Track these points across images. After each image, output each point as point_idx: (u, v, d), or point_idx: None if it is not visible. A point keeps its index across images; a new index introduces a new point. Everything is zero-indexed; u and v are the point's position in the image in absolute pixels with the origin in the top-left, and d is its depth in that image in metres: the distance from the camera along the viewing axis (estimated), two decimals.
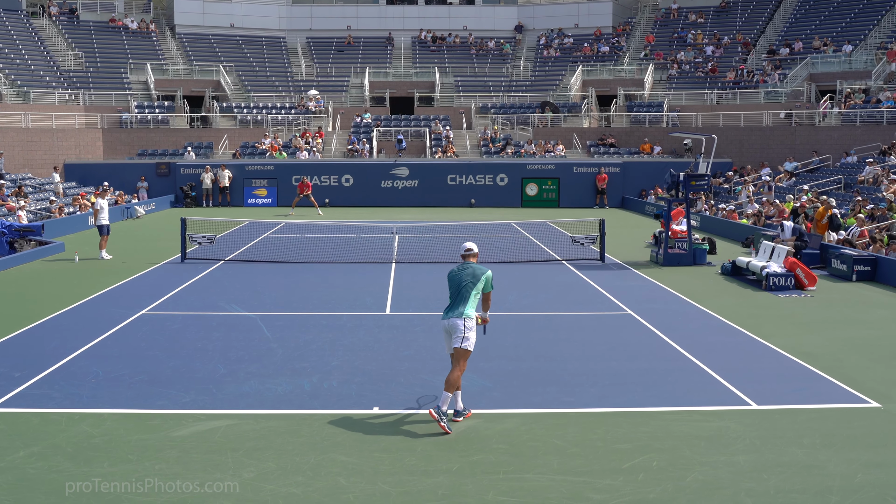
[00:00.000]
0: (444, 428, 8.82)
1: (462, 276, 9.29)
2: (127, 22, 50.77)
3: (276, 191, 39.34)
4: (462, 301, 9.13)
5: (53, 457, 8.15)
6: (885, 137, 34.20)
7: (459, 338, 9.03)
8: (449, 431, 8.82)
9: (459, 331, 9.04)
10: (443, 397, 9.00)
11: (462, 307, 9.10)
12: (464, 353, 9.06)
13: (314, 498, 7.30)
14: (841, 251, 19.73)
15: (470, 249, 9.64)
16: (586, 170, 39.64)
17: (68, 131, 40.91)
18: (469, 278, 9.24)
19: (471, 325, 9.08)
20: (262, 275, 19.38)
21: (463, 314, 9.07)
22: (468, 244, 9.73)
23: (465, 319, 9.05)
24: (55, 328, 13.77)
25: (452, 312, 9.13)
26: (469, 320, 9.07)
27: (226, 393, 10.27)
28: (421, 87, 49.35)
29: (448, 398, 8.99)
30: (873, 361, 11.93)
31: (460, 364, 9.07)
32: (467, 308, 9.10)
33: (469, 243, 9.74)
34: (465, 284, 9.20)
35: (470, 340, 9.06)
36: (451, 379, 9.01)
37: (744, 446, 8.53)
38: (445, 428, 8.82)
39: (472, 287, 9.18)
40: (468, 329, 9.06)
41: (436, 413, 8.88)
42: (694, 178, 21.32)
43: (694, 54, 48.85)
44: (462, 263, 9.51)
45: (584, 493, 7.42)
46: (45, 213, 29.40)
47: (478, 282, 9.22)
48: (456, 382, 9.03)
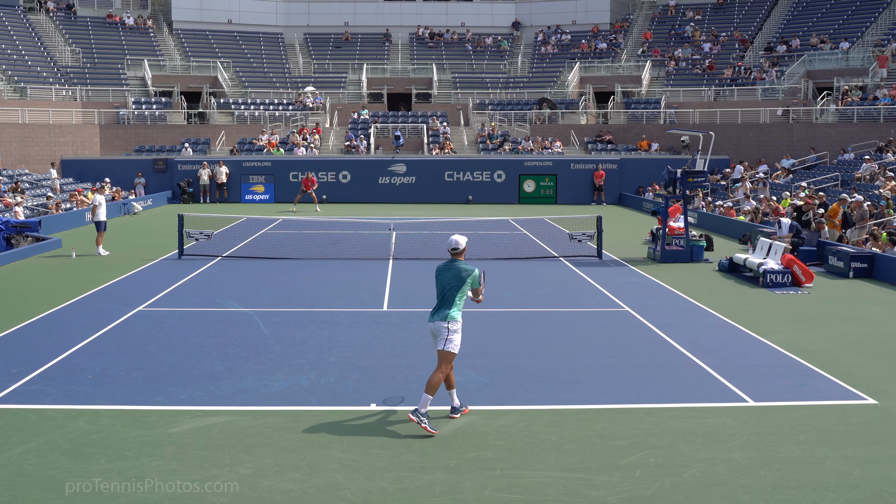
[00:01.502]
0: (427, 429, 8.63)
1: (446, 279, 8.96)
2: (124, 17, 50.70)
3: (274, 187, 39.31)
4: (446, 304, 8.90)
5: (50, 453, 8.14)
6: (882, 134, 34.24)
7: (442, 340, 8.82)
8: (434, 433, 8.66)
9: (443, 334, 8.83)
10: (422, 399, 8.71)
11: (446, 310, 8.87)
12: (446, 355, 8.83)
13: (311, 494, 7.30)
14: (838, 248, 19.75)
15: (456, 248, 9.11)
16: (584, 166, 39.64)
17: (65, 127, 40.83)
18: (454, 281, 8.92)
19: (455, 327, 8.85)
20: (260, 271, 19.37)
21: (447, 317, 8.85)
22: (454, 240, 9.15)
23: (449, 322, 8.83)
24: (52, 324, 13.76)
25: (437, 315, 8.92)
26: (454, 322, 8.85)
27: (223, 389, 10.27)
28: (418, 83, 49.33)
29: (427, 400, 8.69)
30: (870, 358, 11.95)
31: (442, 366, 8.83)
32: (452, 311, 8.86)
33: (456, 238, 9.16)
34: (449, 288, 8.91)
35: (453, 343, 8.83)
36: (431, 381, 8.76)
37: (740, 443, 8.54)
38: (428, 429, 8.63)
39: (456, 290, 8.89)
40: (452, 332, 8.83)
41: (415, 417, 8.65)
42: (691, 174, 21.33)
43: (691, 51, 48.87)
44: (448, 261, 9.12)
45: (581, 489, 7.42)
46: (42, 210, 29.36)
47: (463, 284, 8.90)
48: (436, 385, 8.77)
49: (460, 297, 8.92)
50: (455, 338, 8.87)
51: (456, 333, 8.87)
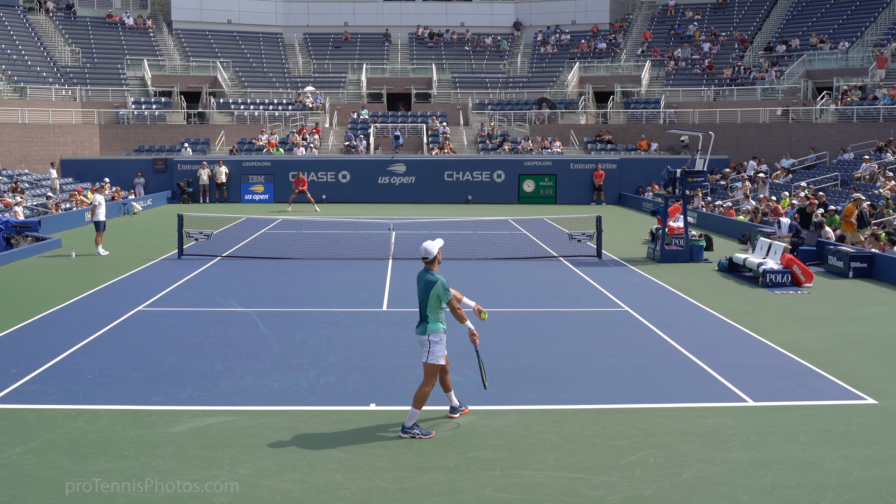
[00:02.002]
0: (423, 438, 8.56)
1: (419, 291, 8.83)
2: (124, 17, 50.69)
3: (273, 187, 39.30)
4: (423, 317, 8.80)
5: (50, 453, 8.14)
6: (882, 134, 34.24)
7: (425, 353, 8.75)
8: (431, 435, 8.63)
9: (425, 346, 8.76)
10: (409, 414, 8.65)
11: (424, 323, 8.78)
12: (429, 367, 8.73)
13: (311, 494, 7.30)
14: (838, 248, 19.75)
15: (425, 256, 8.83)
16: (583, 166, 39.64)
17: (65, 127, 40.83)
18: (422, 294, 8.76)
19: (436, 339, 8.71)
20: (259, 271, 19.37)
21: (426, 330, 8.75)
22: (424, 248, 8.84)
23: (429, 335, 8.72)
24: (52, 324, 13.75)
25: (418, 328, 8.84)
26: (434, 335, 8.71)
27: (222, 389, 10.27)
28: (418, 83, 49.32)
29: (415, 414, 8.62)
30: (870, 358, 11.95)
31: (428, 379, 8.72)
32: (430, 323, 8.74)
33: (425, 246, 8.84)
34: (421, 300, 8.78)
35: (435, 355, 8.70)
36: (418, 394, 8.66)
37: (740, 443, 8.54)
38: (423, 438, 8.57)
39: (426, 303, 8.71)
40: (433, 344, 8.71)
41: (406, 434, 8.60)
42: (691, 174, 21.33)
43: (691, 51, 48.87)
44: (422, 270, 8.91)
45: (580, 489, 7.42)
46: (41, 209, 29.35)
47: (429, 297, 8.68)
48: (423, 398, 8.65)
49: (432, 311, 8.71)
50: (437, 349, 8.71)
51: (437, 345, 8.71)
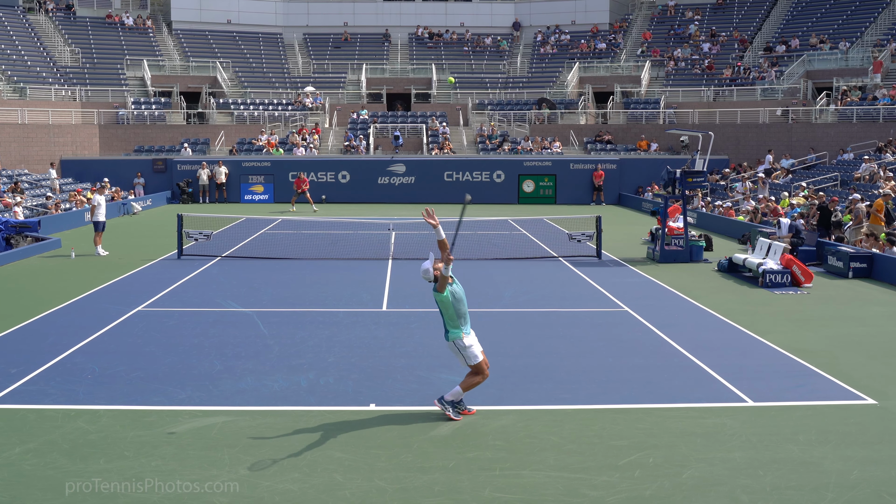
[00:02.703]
0: (451, 416, 9.09)
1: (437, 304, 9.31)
2: (123, 18, 50.68)
3: (273, 187, 39.30)
4: (445, 329, 9.28)
5: (49, 453, 8.14)
6: (882, 134, 34.25)
7: (461, 358, 9.23)
8: (458, 419, 9.09)
9: (455, 352, 9.27)
10: (453, 391, 9.21)
11: (446, 332, 9.25)
12: (474, 367, 9.22)
13: (311, 494, 7.30)
14: (837, 248, 19.75)
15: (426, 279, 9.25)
16: (583, 167, 39.63)
17: (65, 127, 40.82)
18: (438, 307, 9.25)
19: (461, 343, 9.14)
20: (259, 271, 19.37)
21: (448, 337, 9.24)
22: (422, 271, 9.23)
23: (452, 340, 9.21)
24: (51, 324, 13.75)
25: (446, 337, 9.30)
26: (458, 340, 9.16)
27: (222, 389, 10.27)
28: (418, 83, 49.32)
29: (458, 393, 9.18)
30: (869, 358, 11.95)
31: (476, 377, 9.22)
32: (450, 331, 9.20)
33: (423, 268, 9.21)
34: (440, 313, 9.28)
35: (469, 355, 9.16)
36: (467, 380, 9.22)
37: (740, 443, 8.54)
38: (451, 416, 9.09)
39: (443, 316, 9.23)
40: (460, 347, 9.18)
41: (439, 403, 9.18)
42: (690, 174, 21.34)
43: (691, 51, 48.86)
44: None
45: (580, 489, 7.42)
46: (41, 210, 29.35)
47: (440, 310, 9.21)
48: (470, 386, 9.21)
49: (449, 319, 9.18)
50: (468, 352, 9.18)
51: (467, 349, 9.17)
